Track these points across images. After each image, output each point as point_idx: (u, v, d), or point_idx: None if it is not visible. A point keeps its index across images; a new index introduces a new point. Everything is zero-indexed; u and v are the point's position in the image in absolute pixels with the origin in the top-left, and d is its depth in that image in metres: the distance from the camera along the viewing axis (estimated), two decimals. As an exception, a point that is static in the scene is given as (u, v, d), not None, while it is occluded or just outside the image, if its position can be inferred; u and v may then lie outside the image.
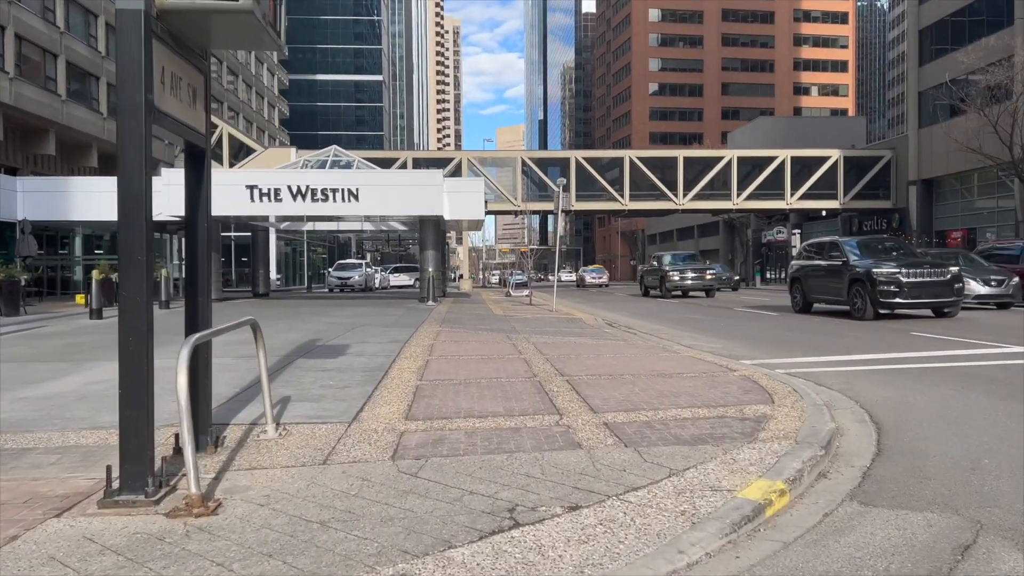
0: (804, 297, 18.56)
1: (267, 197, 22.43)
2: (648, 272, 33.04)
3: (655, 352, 9.83)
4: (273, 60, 68.58)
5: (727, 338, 12.94)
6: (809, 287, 18.37)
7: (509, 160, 48.88)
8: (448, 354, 9.61)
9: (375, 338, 11.79)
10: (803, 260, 19.10)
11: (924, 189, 43.20)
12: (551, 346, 10.62)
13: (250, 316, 5.31)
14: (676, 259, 31.49)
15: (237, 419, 5.76)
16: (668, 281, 29.58)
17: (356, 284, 37.56)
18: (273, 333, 12.88)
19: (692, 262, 31.64)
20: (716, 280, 31.17)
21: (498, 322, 15.87)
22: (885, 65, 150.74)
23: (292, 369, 8.26)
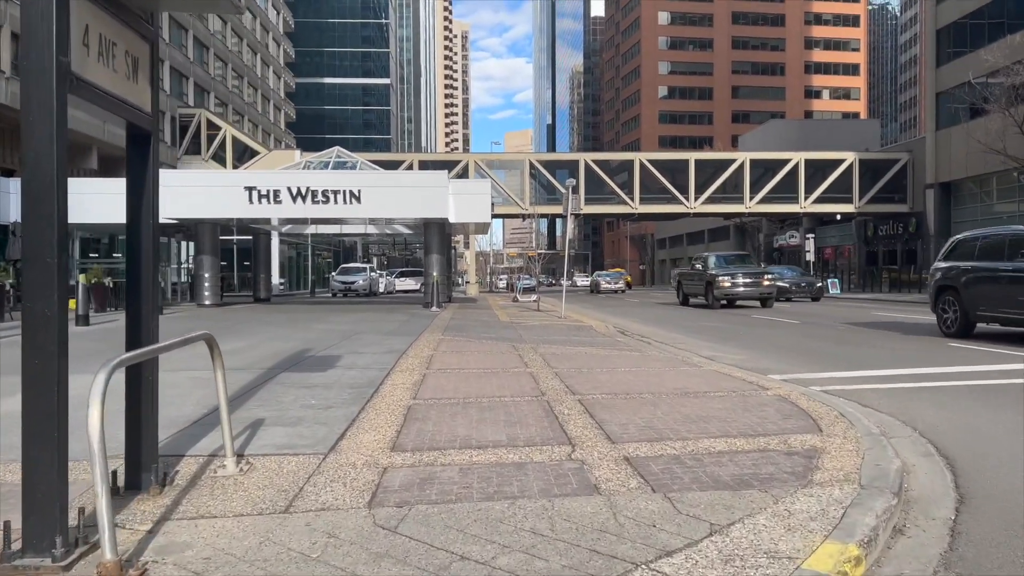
0: (963, 313, 12.97)
1: (266, 199, 21.69)
2: (687, 276, 27.73)
3: (675, 365, 8.99)
4: (280, 63, 68.10)
5: (749, 348, 12.07)
6: (975, 297, 12.73)
7: (517, 163, 48.11)
8: (448, 367, 8.79)
9: (371, 348, 10.98)
10: (961, 262, 13.36)
11: (942, 192, 42.17)
12: (560, 358, 9.78)
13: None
14: (724, 261, 26.45)
15: (196, 448, 4.94)
16: (717, 287, 24.24)
17: (360, 289, 36.81)
18: (263, 342, 12.11)
19: (745, 264, 26.68)
20: (775, 286, 25.80)
21: (504, 330, 15.05)
22: (897, 68, 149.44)
23: (273, 385, 7.45)
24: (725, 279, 24.22)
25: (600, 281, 48.99)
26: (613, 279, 49.14)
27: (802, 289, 32.10)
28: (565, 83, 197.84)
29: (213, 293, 24.29)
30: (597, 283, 49.14)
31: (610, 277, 50.17)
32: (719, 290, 24.28)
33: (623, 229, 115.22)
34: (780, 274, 31.39)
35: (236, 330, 14.71)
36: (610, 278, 49.61)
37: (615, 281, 48.56)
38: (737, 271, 24.64)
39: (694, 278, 26.61)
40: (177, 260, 29.00)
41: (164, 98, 41.49)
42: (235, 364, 9.13)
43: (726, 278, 24.21)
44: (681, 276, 29.04)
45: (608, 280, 48.85)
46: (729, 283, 24.07)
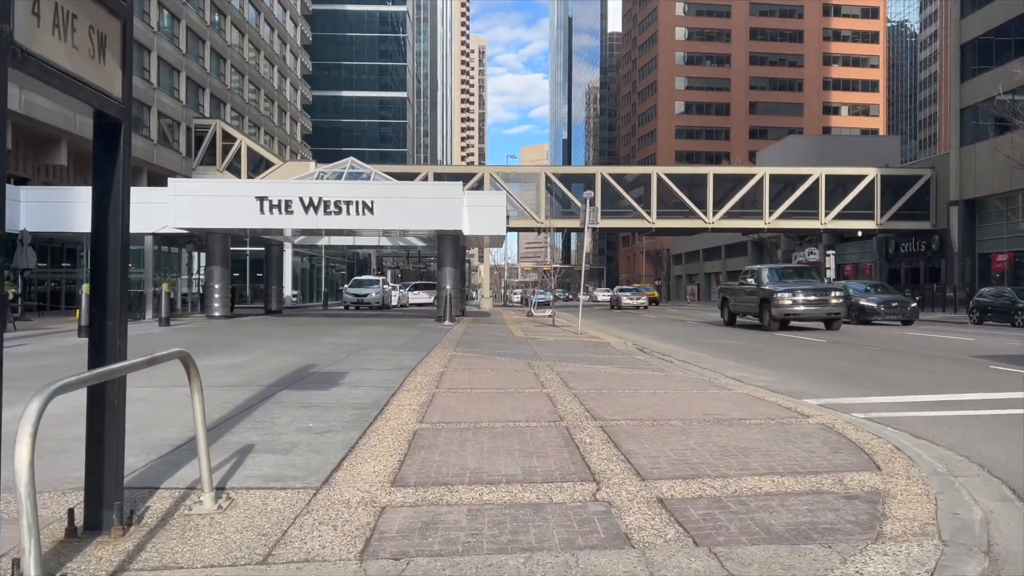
0: None
1: (278, 209, 21.28)
2: (736, 293, 24.18)
3: (701, 387, 8.38)
4: (297, 75, 68.23)
5: (778, 369, 11.43)
6: None
7: (532, 176, 47.67)
8: (459, 386, 8.22)
9: (379, 364, 10.44)
10: None
11: (966, 210, 41.26)
12: (578, 377, 9.20)
13: (183, 348, 3.96)
14: (780, 274, 22.95)
15: (174, 479, 4.40)
16: (775, 306, 20.78)
17: (373, 302, 36.35)
18: (267, 356, 11.61)
19: (806, 278, 23.07)
20: (843, 305, 21.84)
21: (518, 346, 14.49)
22: (916, 86, 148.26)
23: (270, 405, 6.91)
24: (784, 296, 20.80)
25: (621, 296, 46.77)
26: (634, 294, 47.07)
27: (892, 310, 25.71)
28: (581, 98, 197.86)
29: (223, 305, 23.88)
30: (618, 298, 46.79)
31: (632, 292, 48.18)
32: (778, 309, 20.82)
33: (638, 244, 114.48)
34: (856, 290, 26.94)
35: (241, 343, 14.23)
36: (632, 293, 47.64)
37: (636, 296, 46.54)
38: (797, 287, 21.22)
39: (744, 295, 23.34)
40: (188, 271, 28.66)
41: (180, 108, 41.47)
42: (233, 380, 8.62)
43: (785, 295, 20.82)
44: (727, 293, 25.37)
45: (630, 295, 46.83)
46: (789, 301, 20.71)
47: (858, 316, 25.62)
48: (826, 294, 21.32)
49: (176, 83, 41.18)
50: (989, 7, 39.39)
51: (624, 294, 47.33)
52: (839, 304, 21.31)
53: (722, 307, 25.67)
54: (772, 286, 21.64)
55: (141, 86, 36.81)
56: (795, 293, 20.92)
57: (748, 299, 22.95)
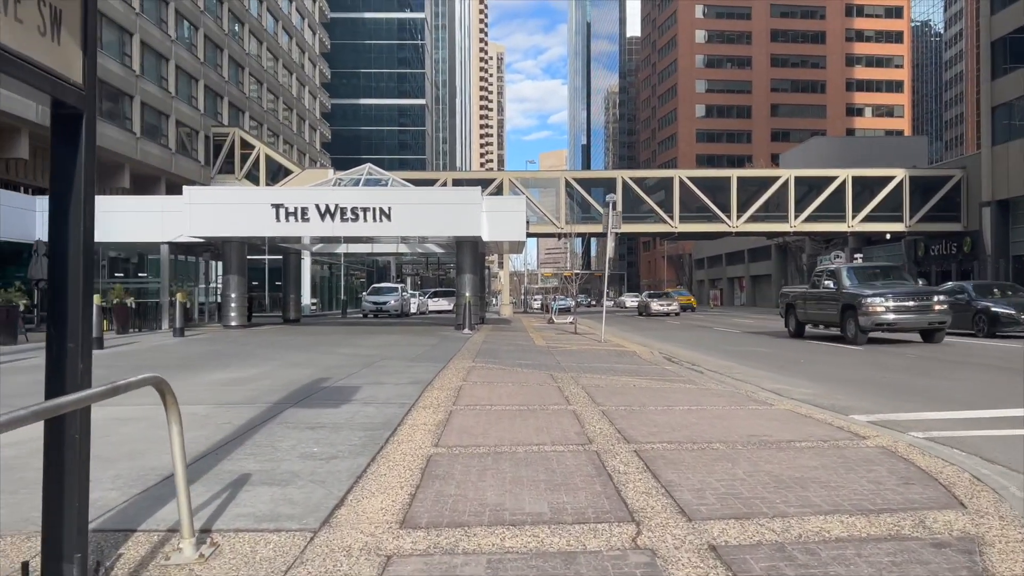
0: None
1: (294, 216, 20.93)
2: (807, 298, 20.13)
3: (740, 402, 7.76)
4: (315, 83, 68.30)
5: (817, 380, 10.76)
6: None
7: (552, 181, 47.11)
8: (477, 403, 7.68)
9: (394, 377, 9.93)
10: None
11: (999, 210, 40.12)
12: (605, 391, 8.62)
13: (156, 373, 3.44)
14: (865, 275, 19.06)
15: (155, 519, 3.89)
16: (865, 313, 16.98)
17: (392, 309, 35.95)
18: (279, 369, 11.14)
19: (895, 279, 19.02)
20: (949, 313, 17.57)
21: (540, 355, 13.92)
22: (941, 86, 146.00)
23: (274, 426, 6.41)
24: (875, 302, 16.95)
25: (651, 302, 43.46)
26: (665, 300, 43.84)
27: None
28: (600, 104, 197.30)
29: (239, 314, 23.54)
30: (647, 304, 43.67)
31: (663, 298, 44.93)
32: (867, 317, 16.96)
33: (660, 249, 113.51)
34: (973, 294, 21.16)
35: (254, 355, 13.80)
36: (663, 299, 44.43)
37: (668, 302, 43.24)
38: (889, 290, 17.35)
39: (818, 301, 19.41)
40: (205, 280, 28.40)
41: (198, 117, 41.44)
42: (239, 397, 8.14)
43: (876, 301, 16.96)
44: (794, 298, 21.17)
45: (660, 301, 43.44)
46: (882, 308, 16.88)
47: (988, 327, 19.88)
48: (927, 299, 17.33)
49: (194, 91, 41.17)
50: (1020, 2, 38.35)
51: (654, 300, 44.18)
52: (943, 311, 17.27)
53: (786, 315, 21.77)
54: (857, 289, 17.79)
55: (159, 95, 36.81)
56: (887, 298, 17.03)
57: (824, 306, 19.18)
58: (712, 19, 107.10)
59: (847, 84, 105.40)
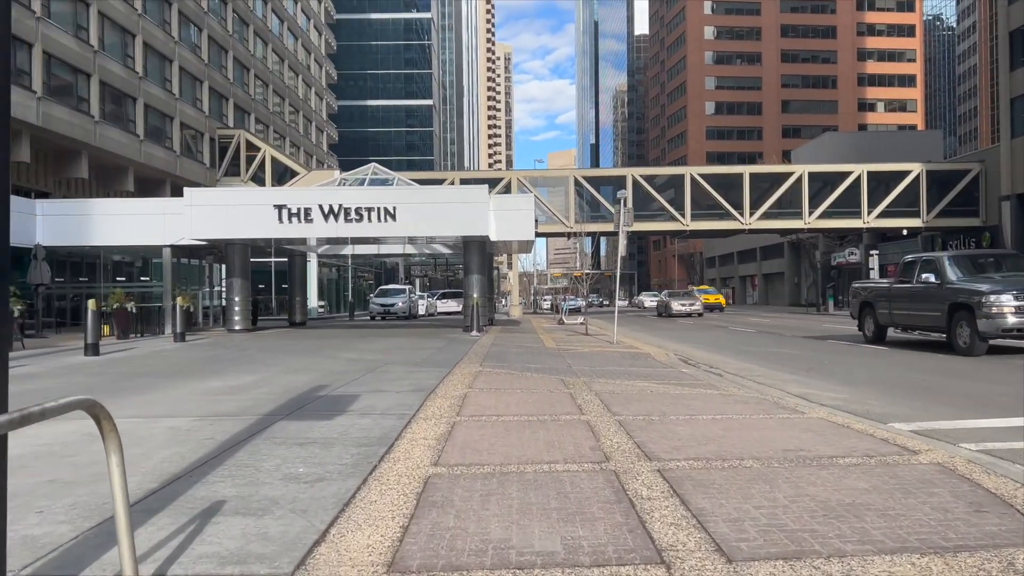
0: None
1: (297, 217, 20.44)
2: (891, 297, 16.23)
3: (768, 410, 7.16)
4: (322, 84, 67.92)
5: (845, 383, 10.14)
6: None
7: (561, 180, 46.49)
8: (483, 413, 7.10)
9: (396, 384, 9.37)
10: None
11: (1019, 204, 39.20)
12: (621, 398, 8.03)
13: (88, 396, 2.89)
14: (970, 264, 15.40)
15: (101, 563, 3.33)
16: (986, 314, 13.06)
17: (399, 311, 35.42)
18: (277, 376, 10.61)
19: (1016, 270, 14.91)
20: None
21: (550, 358, 13.34)
22: (954, 80, 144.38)
23: (261, 442, 5.85)
24: (1003, 301, 12.91)
25: (671, 302, 39.72)
26: (687, 299, 39.78)
27: None
28: (608, 102, 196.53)
29: (244, 318, 23.08)
30: (667, 304, 39.96)
31: (684, 297, 40.91)
32: (991, 321, 12.97)
33: (670, 248, 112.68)
34: None
35: (254, 360, 13.29)
36: (684, 298, 40.35)
37: (690, 302, 39.26)
38: (1012, 287, 13.17)
39: (911, 300, 15.49)
40: (208, 283, 27.96)
41: (203, 119, 41.06)
42: (230, 408, 7.60)
43: (1004, 300, 12.92)
44: (874, 295, 17.30)
45: (682, 301, 39.49)
46: (1012, 307, 12.80)
47: None
48: None
49: (199, 93, 40.80)
50: (1039, -9, 37.48)
51: (675, 299, 40.04)
52: None
53: (861, 316, 17.86)
54: (969, 283, 13.96)
55: (163, 96, 36.43)
56: (1017, 295, 12.87)
57: (919, 305, 15.22)
58: (721, 15, 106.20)
59: (859, 79, 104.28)
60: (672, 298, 40.75)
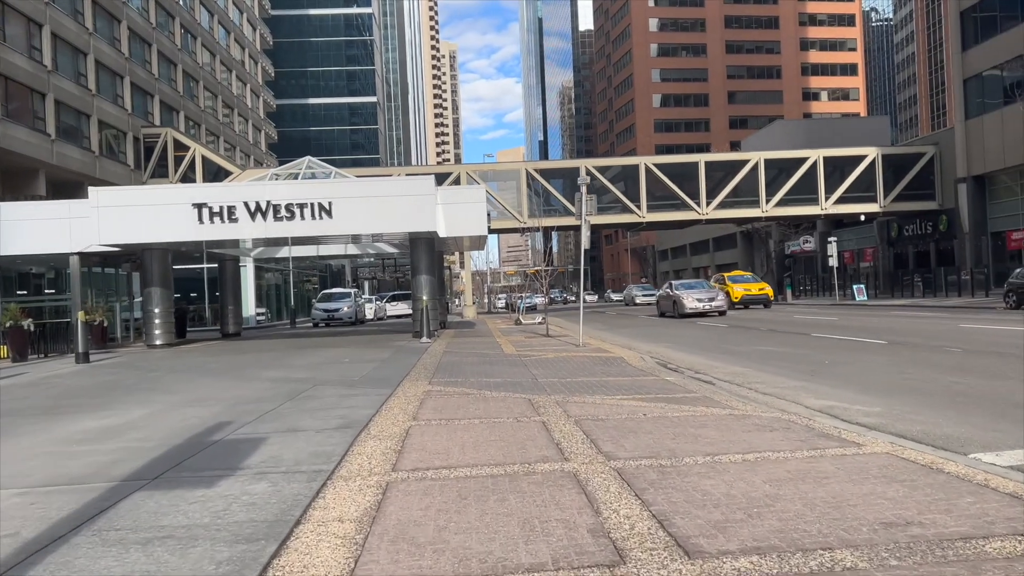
0: None
1: (219, 217, 18.16)
2: None
3: (808, 440, 5.40)
4: (258, 81, 64.78)
5: (863, 389, 8.49)
6: None
7: (512, 173, 44.63)
8: (430, 464, 5.18)
9: (319, 418, 7.38)
10: None
11: (975, 187, 38.76)
12: (609, 427, 6.20)
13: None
14: None
15: None
16: None
17: (345, 317, 33.13)
18: (172, 409, 8.53)
19: None
20: None
21: (511, 368, 11.47)
22: (892, 69, 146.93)
23: (85, 538, 3.83)
24: None
25: (683, 297, 27.31)
26: (706, 294, 27.75)
27: None
28: (555, 100, 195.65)
29: (165, 331, 20.66)
30: (677, 300, 27.63)
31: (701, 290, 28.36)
32: None
33: (622, 242, 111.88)
34: None
35: (156, 387, 11.12)
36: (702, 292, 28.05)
37: (709, 296, 27.46)
38: None
39: None
40: (129, 294, 25.33)
41: (125, 117, 38.06)
42: (80, 467, 5.53)
43: None
44: None
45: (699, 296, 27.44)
46: None
47: None
48: None
49: (119, 89, 37.80)
50: (988, -30, 37.02)
51: (689, 293, 27.59)
52: None
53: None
54: None
55: (77, 92, 33.46)
56: None
57: None
58: (665, 7, 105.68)
59: (802, 68, 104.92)
60: (685, 291, 27.81)
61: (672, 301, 28.70)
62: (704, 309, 27.24)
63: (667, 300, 29.76)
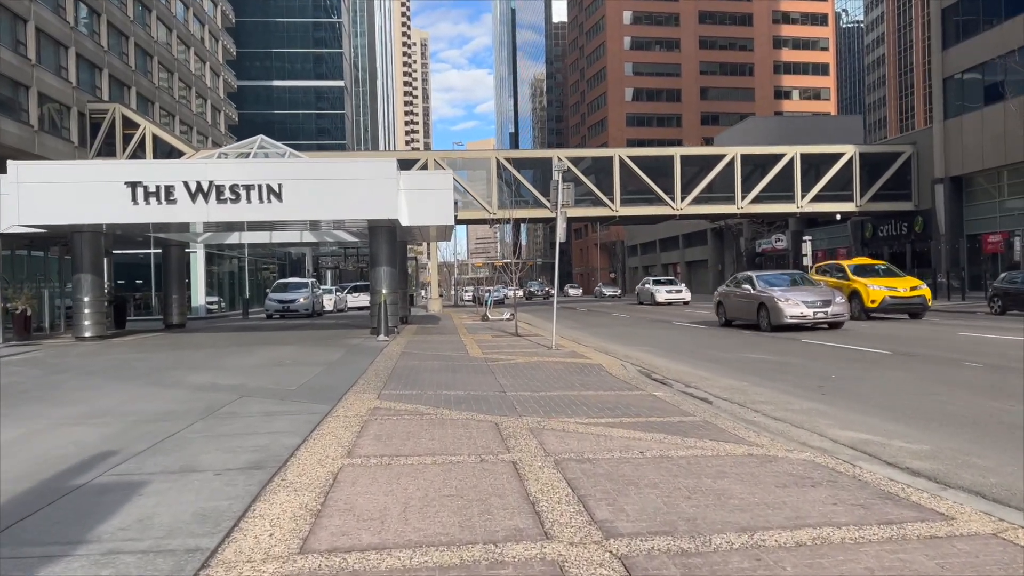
0: None
1: (155, 198, 16.36)
2: None
3: (863, 501, 4.01)
4: (218, 59, 62.15)
5: (893, 416, 7.15)
6: None
7: (481, 163, 43.01)
8: (356, 539, 3.67)
9: (229, 449, 5.82)
10: None
11: (952, 188, 38.10)
12: (601, 476, 4.76)
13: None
14: None
15: None
16: None
17: (301, 308, 31.30)
18: (49, 429, 6.90)
19: None
20: None
21: (477, 376, 9.99)
22: (862, 70, 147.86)
23: None
24: None
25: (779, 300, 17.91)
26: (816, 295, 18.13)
27: None
28: (527, 92, 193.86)
29: (95, 323, 18.76)
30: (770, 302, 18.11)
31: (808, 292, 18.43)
32: None
33: (592, 237, 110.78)
34: None
35: (47, 396, 9.43)
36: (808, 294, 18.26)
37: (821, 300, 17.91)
38: None
39: None
40: (60, 280, 23.27)
41: (70, 90, 35.67)
42: None
43: None
44: None
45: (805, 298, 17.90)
46: None
47: None
48: None
49: (63, 61, 35.38)
50: (971, -32, 36.29)
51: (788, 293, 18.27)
52: None
53: None
54: None
55: (14, 61, 31.07)
56: None
57: None
58: (639, 0, 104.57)
59: (775, 67, 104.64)
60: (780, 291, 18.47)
61: (757, 304, 18.51)
62: (813, 319, 17.55)
63: (742, 301, 19.61)
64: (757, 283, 19.47)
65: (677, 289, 39.70)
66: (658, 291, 39.44)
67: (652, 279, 43.08)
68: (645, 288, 41.34)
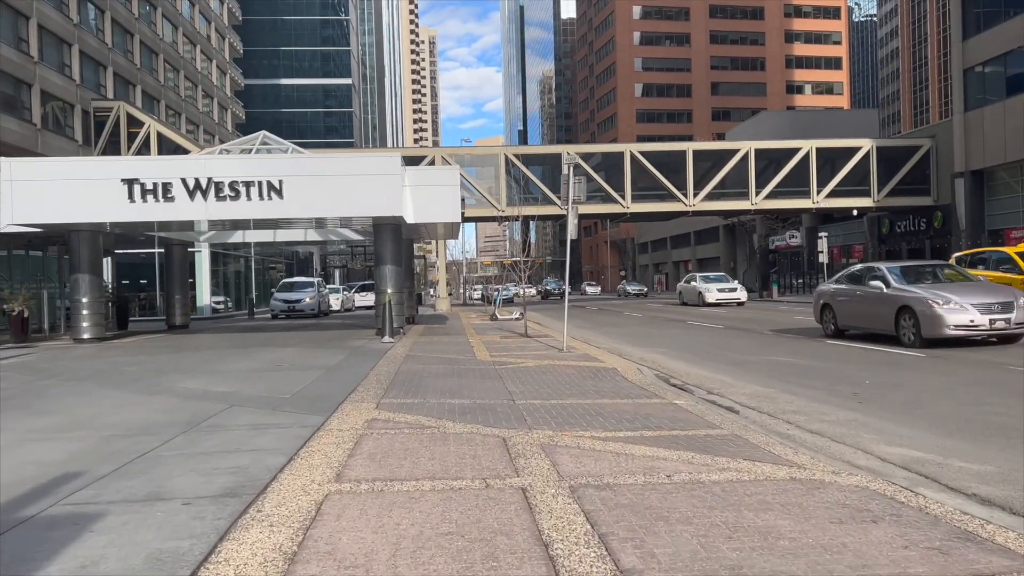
0: None
1: (152, 195, 15.82)
2: None
3: (938, 544, 3.38)
4: (224, 57, 61.76)
5: (944, 430, 6.49)
6: None
7: (490, 159, 42.38)
8: (332, 597, 3.06)
9: (207, 468, 5.22)
10: None
11: (973, 182, 37.19)
12: (620, 504, 4.14)
13: None
14: None
15: None
16: None
17: (307, 308, 30.76)
18: (16, 445, 6.30)
19: None
20: None
21: (484, 382, 9.37)
22: (876, 64, 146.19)
23: None
24: None
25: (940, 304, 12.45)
26: (988, 291, 13.10)
27: None
28: (535, 89, 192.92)
29: (94, 324, 18.25)
30: (926, 315, 12.57)
31: (988, 293, 12.94)
32: None
33: (601, 234, 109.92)
34: None
35: (26, 404, 8.89)
36: (991, 295, 12.84)
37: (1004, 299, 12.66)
38: None
39: None
40: (60, 281, 22.80)
41: (73, 88, 35.27)
42: None
43: None
44: None
45: (988, 300, 12.55)
46: None
47: None
48: None
49: (67, 59, 34.97)
50: (993, -45, 35.37)
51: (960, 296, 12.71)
52: None
53: None
54: None
55: (16, 59, 30.67)
56: None
57: None
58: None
59: (787, 61, 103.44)
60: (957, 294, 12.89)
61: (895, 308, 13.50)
62: (989, 329, 12.56)
63: (867, 304, 14.55)
64: (891, 277, 13.96)
65: (731, 287, 32.82)
66: (708, 290, 32.59)
67: (699, 275, 36.02)
68: (691, 286, 34.55)
